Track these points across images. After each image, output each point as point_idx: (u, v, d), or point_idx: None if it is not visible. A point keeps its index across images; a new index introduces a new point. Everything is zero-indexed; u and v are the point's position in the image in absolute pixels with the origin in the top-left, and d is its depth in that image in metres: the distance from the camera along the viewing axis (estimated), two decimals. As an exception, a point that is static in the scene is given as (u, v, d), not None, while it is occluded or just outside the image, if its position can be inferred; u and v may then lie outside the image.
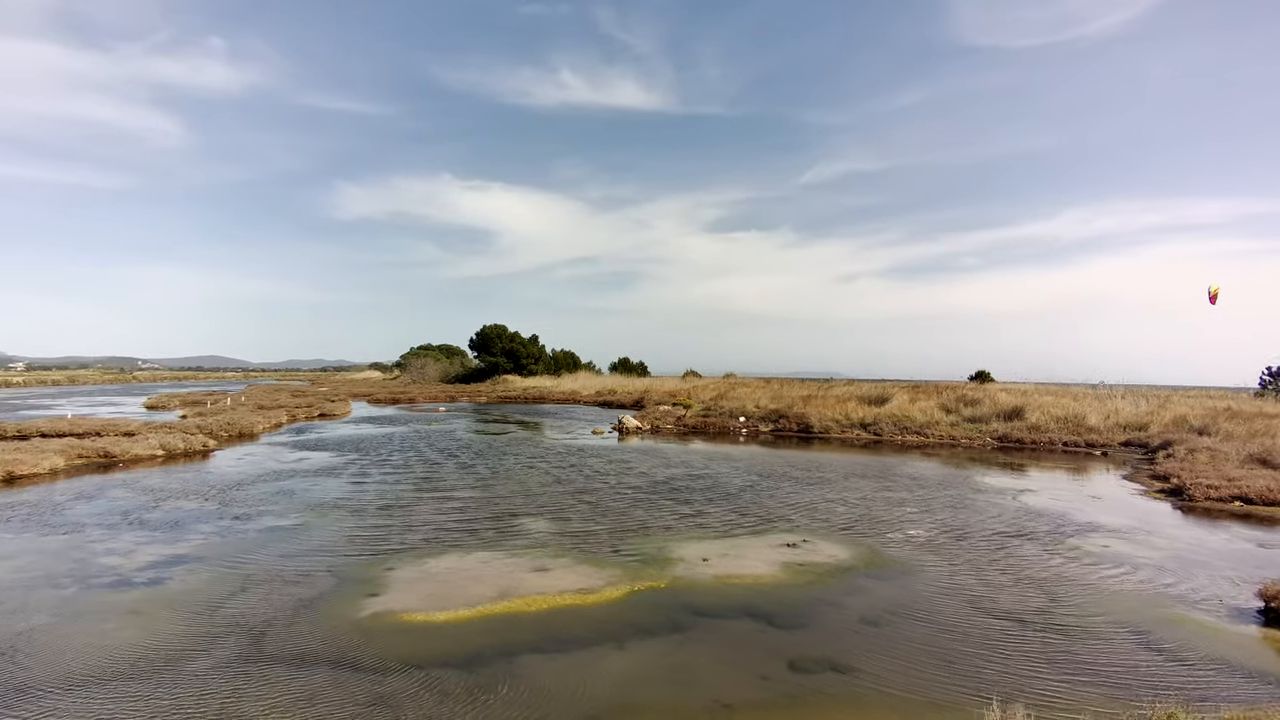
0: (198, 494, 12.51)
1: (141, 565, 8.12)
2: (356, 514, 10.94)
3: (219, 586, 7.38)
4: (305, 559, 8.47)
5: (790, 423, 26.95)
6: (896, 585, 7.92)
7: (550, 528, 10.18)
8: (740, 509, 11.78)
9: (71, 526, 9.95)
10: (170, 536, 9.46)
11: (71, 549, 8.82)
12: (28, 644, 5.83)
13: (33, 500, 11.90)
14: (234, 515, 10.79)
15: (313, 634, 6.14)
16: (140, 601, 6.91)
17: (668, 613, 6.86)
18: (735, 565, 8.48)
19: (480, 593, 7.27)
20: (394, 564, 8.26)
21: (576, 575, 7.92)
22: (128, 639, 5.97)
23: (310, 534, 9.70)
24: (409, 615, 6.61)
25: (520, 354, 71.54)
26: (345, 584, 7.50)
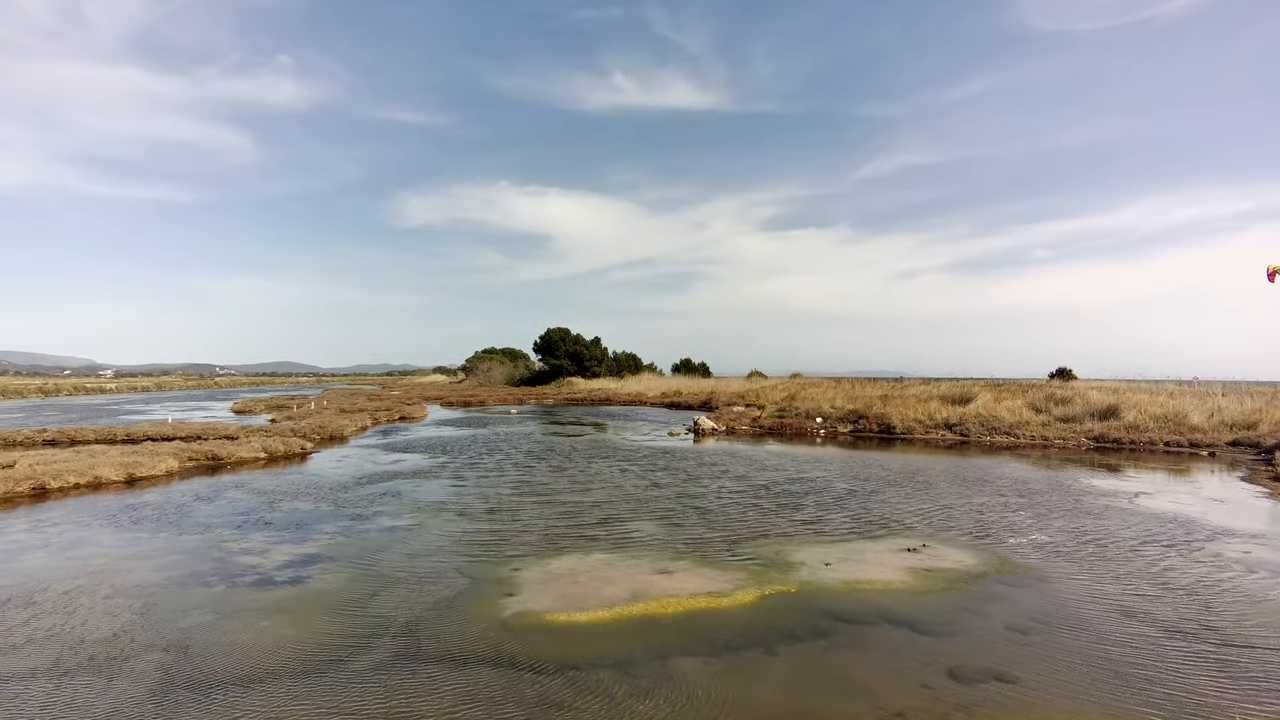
0: (309, 495, 12.92)
1: (279, 564, 8.41)
2: (465, 516, 11.12)
3: (358, 585, 7.57)
4: (431, 559, 8.63)
5: (870, 423, 26.39)
6: (1036, 593, 7.62)
7: (660, 530, 10.15)
8: (848, 513, 11.54)
9: (201, 526, 10.38)
10: (297, 536, 9.77)
11: (208, 548, 9.20)
12: (198, 641, 6.07)
13: (157, 501, 12.48)
14: (351, 516, 11.10)
15: (463, 633, 6.23)
16: (287, 600, 7.14)
17: (807, 617, 6.74)
18: (860, 570, 8.29)
19: (612, 594, 7.27)
20: (518, 565, 8.35)
21: (702, 578, 7.86)
22: (287, 636, 6.16)
23: (427, 534, 9.89)
24: (550, 615, 6.66)
25: (584, 356, 72.10)
26: (479, 584, 7.61)
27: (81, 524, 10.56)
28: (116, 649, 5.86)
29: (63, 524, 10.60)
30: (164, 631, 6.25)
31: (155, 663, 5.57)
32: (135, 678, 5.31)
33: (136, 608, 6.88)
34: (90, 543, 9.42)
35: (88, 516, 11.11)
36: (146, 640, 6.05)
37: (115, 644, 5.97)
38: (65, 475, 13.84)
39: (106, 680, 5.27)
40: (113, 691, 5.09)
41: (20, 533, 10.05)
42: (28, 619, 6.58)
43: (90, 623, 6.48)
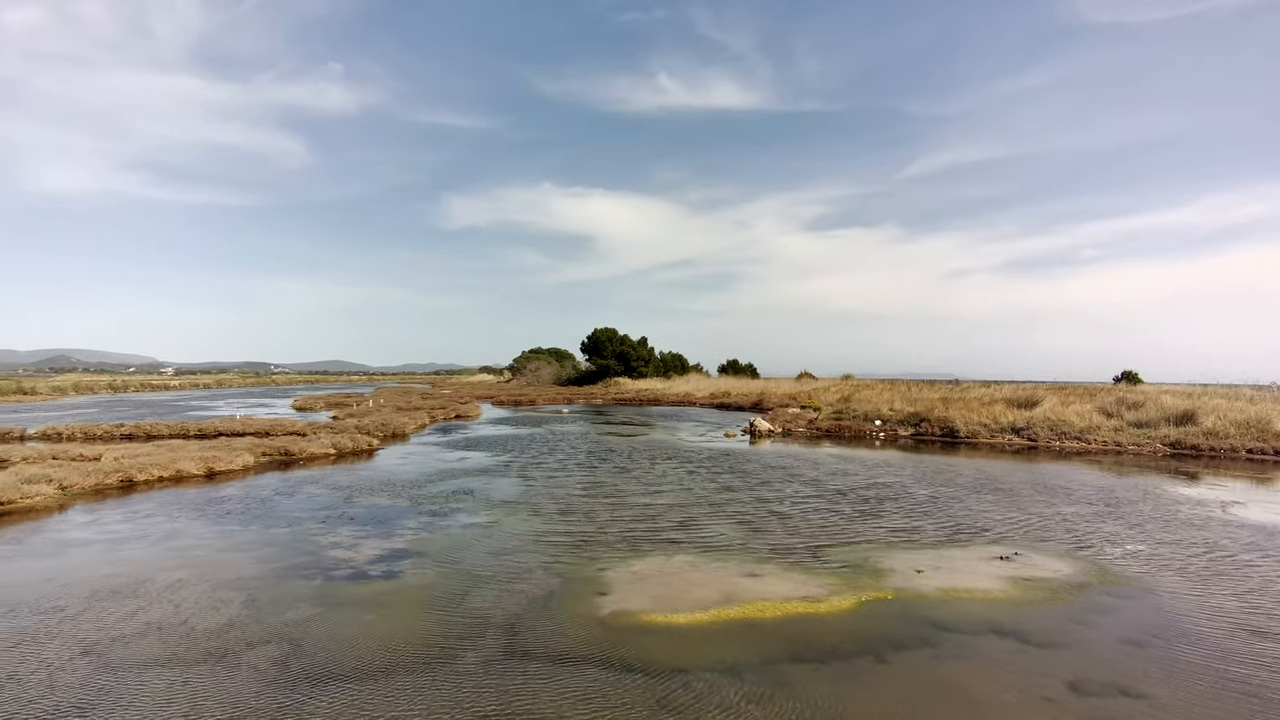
0: (384, 491, 13.13)
1: (369, 559, 8.53)
2: (540, 515, 11.15)
3: (450, 582, 7.63)
4: (514, 557, 8.66)
5: (932, 427, 25.81)
6: (1145, 605, 7.30)
7: (740, 534, 10.03)
8: (931, 519, 11.24)
9: (287, 520, 10.61)
10: (381, 532, 9.92)
11: (298, 541, 9.39)
12: (308, 634, 6.17)
13: (239, 494, 12.82)
14: (429, 512, 11.24)
15: (564, 632, 6.22)
16: (385, 594, 7.22)
17: (909, 625, 6.56)
18: (954, 578, 8.06)
19: (704, 597, 7.19)
20: (603, 565, 8.32)
21: (791, 583, 7.73)
22: (392, 631, 6.22)
23: (506, 532, 9.95)
24: (647, 616, 6.61)
25: (630, 356, 72.20)
26: (568, 583, 7.60)
27: (172, 516, 10.89)
28: (230, 641, 5.99)
29: (154, 516, 10.94)
30: (272, 624, 6.37)
31: (270, 655, 5.68)
32: (254, 670, 5.41)
33: (241, 600, 7.03)
34: (185, 534, 9.70)
35: (177, 509, 11.47)
36: (257, 633, 6.17)
37: (227, 636, 6.10)
38: (150, 469, 14.32)
39: (226, 672, 5.38)
40: (234, 684, 5.19)
41: (117, 524, 10.40)
42: (137, 609, 6.78)
43: (199, 614, 6.65)
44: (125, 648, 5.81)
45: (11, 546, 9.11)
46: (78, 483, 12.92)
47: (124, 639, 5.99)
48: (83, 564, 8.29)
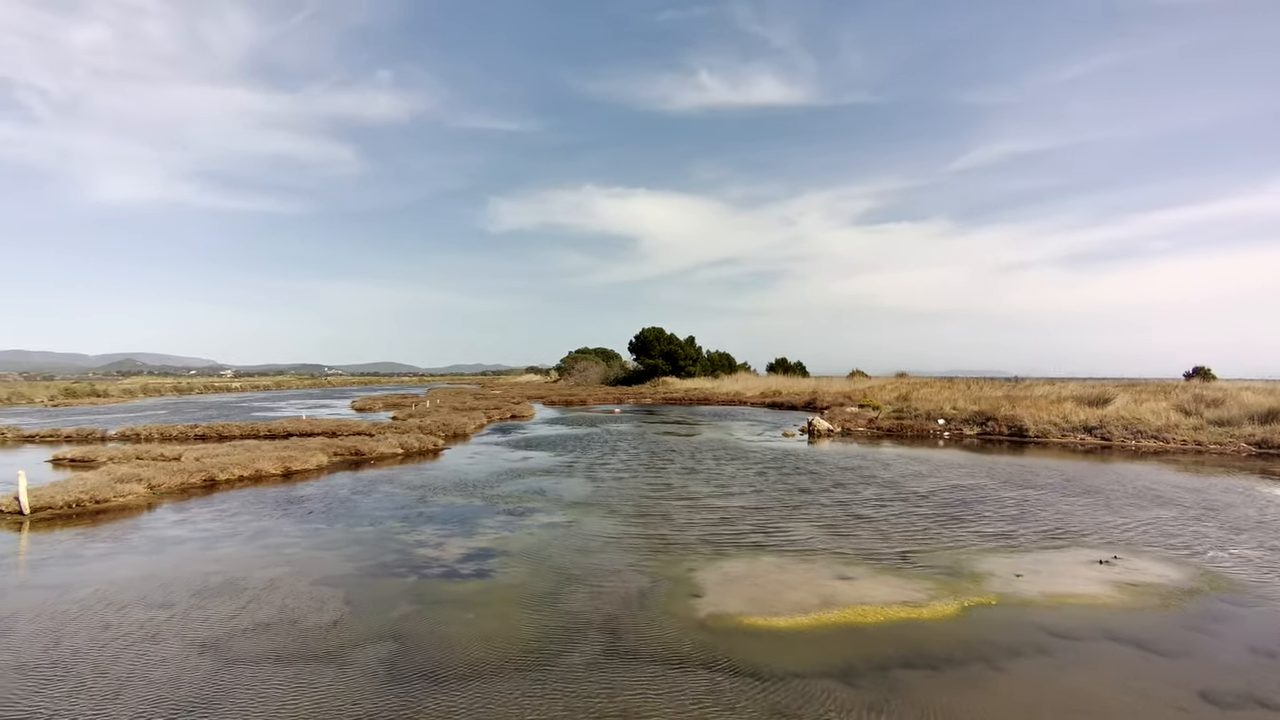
0: (457, 490, 13.29)
1: (457, 558, 8.61)
2: (615, 514, 11.14)
3: (541, 581, 7.65)
4: (599, 556, 8.65)
5: (999, 425, 25.12)
6: (1268, 613, 6.93)
7: (822, 536, 9.85)
8: (1019, 522, 10.90)
9: (369, 519, 10.80)
10: (463, 530, 10.02)
11: (383, 539, 9.54)
12: (411, 631, 6.24)
13: (318, 493, 13.11)
14: (505, 511, 11.32)
15: (665, 633, 6.16)
16: (479, 593, 7.27)
17: (1019, 632, 6.34)
18: (1055, 583, 7.77)
19: (800, 600, 7.06)
20: (690, 565, 8.25)
21: (887, 586, 7.55)
22: (494, 630, 6.25)
23: (586, 532, 9.95)
24: (747, 619, 6.51)
25: (678, 356, 72.07)
26: (659, 583, 7.55)
27: (259, 514, 11.18)
28: (338, 639, 6.08)
29: (241, 514, 11.24)
30: (375, 623, 6.46)
31: (380, 654, 5.75)
32: (366, 667, 5.48)
33: (340, 598, 7.15)
34: (274, 533, 9.94)
35: (261, 507, 11.77)
36: (363, 631, 6.26)
37: (335, 634, 6.20)
38: (230, 468, 14.74)
39: (340, 670, 5.46)
40: (348, 680, 5.26)
41: (208, 522, 10.72)
42: (242, 607, 6.94)
43: (303, 612, 6.78)
44: (240, 644, 5.94)
45: (113, 544, 9.44)
46: (165, 482, 13.37)
47: (236, 636, 6.14)
48: (182, 561, 8.55)
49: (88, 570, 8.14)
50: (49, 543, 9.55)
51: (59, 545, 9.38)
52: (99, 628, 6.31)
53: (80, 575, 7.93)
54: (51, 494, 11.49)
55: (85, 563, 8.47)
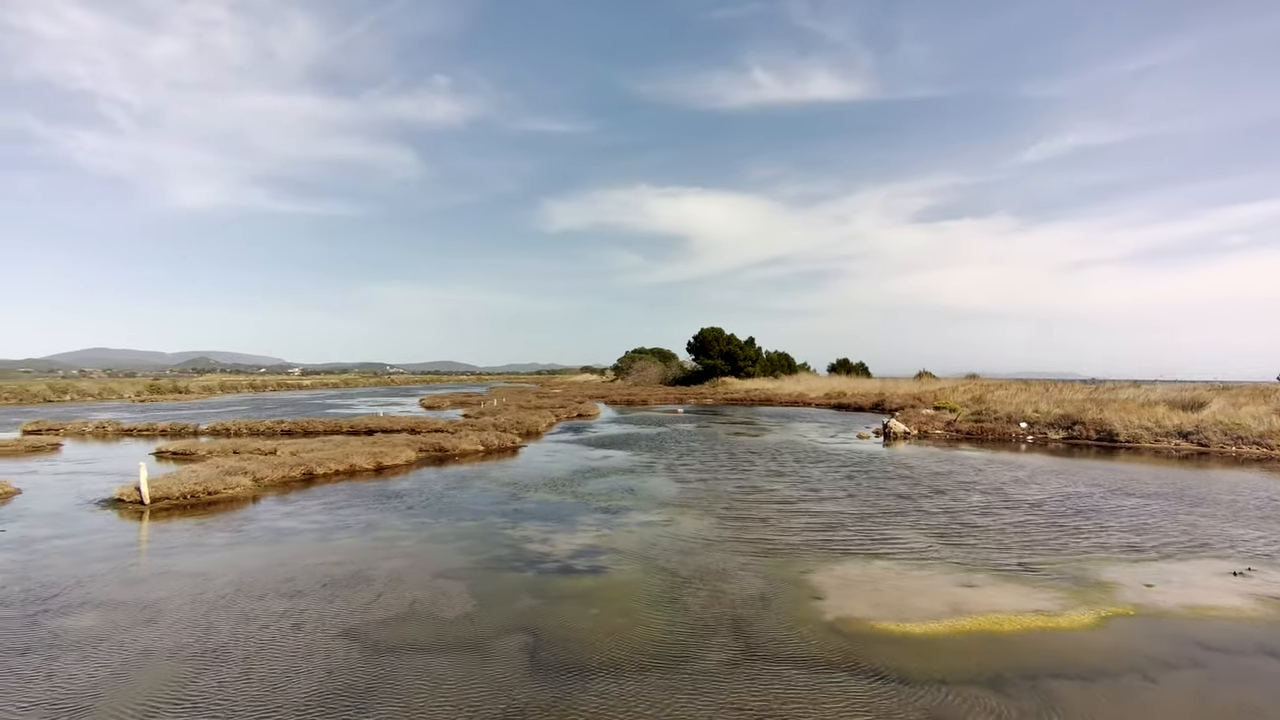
0: (546, 487, 13.45)
1: (567, 554, 8.70)
2: (711, 515, 11.10)
3: (655, 579, 7.65)
4: (706, 556, 8.62)
5: (1087, 429, 24.18)
6: None
7: (931, 541, 9.62)
8: (1137, 530, 10.46)
9: (470, 514, 11.02)
10: (564, 527, 10.13)
11: (489, 534, 9.70)
12: (543, 626, 6.31)
13: (413, 488, 13.42)
14: (599, 509, 11.41)
15: (796, 636, 6.09)
16: (598, 590, 7.31)
17: (1166, 644, 6.06)
18: (1190, 594, 7.42)
19: (928, 606, 6.90)
20: (801, 568, 8.15)
21: (1013, 595, 7.31)
22: (623, 626, 6.28)
23: (685, 531, 9.93)
24: (878, 624, 6.39)
25: (737, 356, 71.60)
26: (775, 585, 7.48)
27: (363, 508, 11.50)
28: (473, 629, 6.19)
29: (346, 507, 11.59)
30: (503, 615, 6.56)
31: (517, 645, 5.83)
32: (508, 659, 5.56)
33: (464, 590, 7.29)
34: (383, 526, 10.21)
35: (363, 500, 12.11)
36: (494, 622, 6.36)
37: (469, 625, 6.31)
38: (326, 462, 15.22)
39: (482, 659, 5.55)
40: (495, 670, 5.34)
41: (316, 514, 11.07)
42: (374, 597, 7.13)
43: (432, 602, 6.92)
44: (380, 633, 6.10)
45: (234, 534, 9.82)
46: (268, 475, 13.88)
47: (375, 625, 6.30)
48: (303, 552, 8.85)
49: (217, 559, 8.49)
50: (174, 531, 10.00)
51: (184, 534, 9.81)
52: (244, 616, 6.57)
53: (212, 564, 8.28)
54: (168, 485, 12.04)
55: (213, 551, 8.84)
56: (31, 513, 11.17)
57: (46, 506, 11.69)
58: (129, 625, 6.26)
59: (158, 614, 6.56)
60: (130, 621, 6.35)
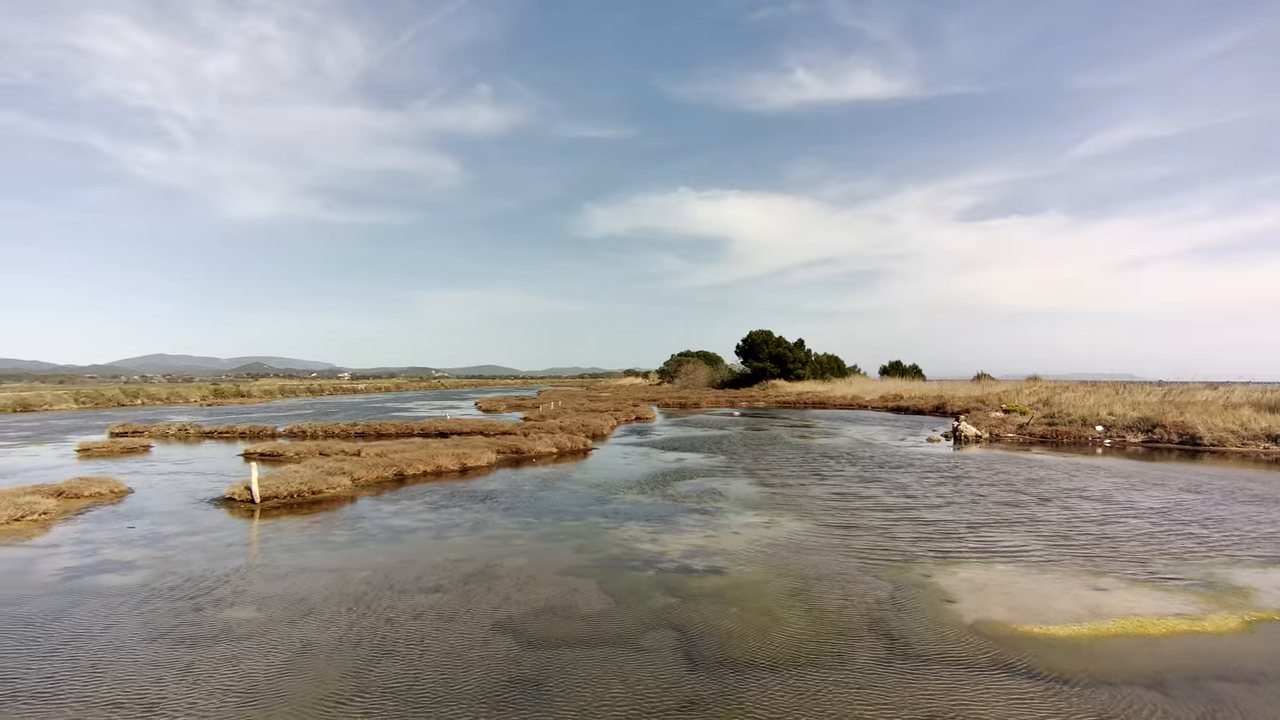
0: (632, 488, 13.60)
1: (680, 553, 8.81)
2: (808, 517, 11.10)
3: (780, 580, 7.72)
4: (820, 557, 8.65)
5: (1168, 432, 23.48)
6: None
7: (1042, 545, 9.50)
8: (1256, 535, 10.19)
9: (570, 514, 11.23)
10: (667, 527, 10.25)
11: (596, 534, 9.87)
12: (685, 623, 6.43)
13: (503, 488, 13.69)
14: (694, 510, 11.51)
15: (941, 637, 6.10)
16: (728, 589, 7.40)
17: (1330, 651, 5.91)
18: (1336, 599, 7.21)
19: (1065, 609, 6.83)
20: (922, 571, 8.12)
21: (1149, 599, 7.19)
22: (766, 625, 6.36)
23: (789, 533, 9.97)
24: (1021, 626, 6.36)
25: (787, 359, 71.10)
26: (902, 588, 7.47)
27: (464, 507, 11.78)
28: (617, 625, 6.34)
29: (447, 506, 11.88)
30: (642, 612, 6.69)
31: (667, 641, 5.95)
32: (662, 654, 5.68)
33: (594, 587, 7.45)
34: (491, 525, 10.46)
35: (459, 500, 12.41)
36: (635, 618, 6.49)
37: (612, 620, 6.46)
38: (415, 463, 15.61)
39: (637, 654, 5.69)
40: (653, 665, 5.47)
41: (422, 512, 11.38)
42: (510, 592, 7.33)
43: (567, 598, 7.09)
44: (530, 628, 6.28)
45: (353, 532, 10.15)
46: (364, 475, 14.30)
47: (522, 620, 6.49)
48: (425, 549, 9.11)
49: (346, 555, 8.81)
50: (292, 529, 10.38)
51: (304, 532, 10.18)
52: (393, 610, 6.82)
53: (343, 560, 8.59)
54: (275, 485, 12.50)
55: (339, 548, 9.17)
56: (150, 511, 11.69)
57: (162, 505, 12.22)
58: (289, 618, 6.55)
59: (311, 608, 6.85)
60: (288, 615, 6.64)
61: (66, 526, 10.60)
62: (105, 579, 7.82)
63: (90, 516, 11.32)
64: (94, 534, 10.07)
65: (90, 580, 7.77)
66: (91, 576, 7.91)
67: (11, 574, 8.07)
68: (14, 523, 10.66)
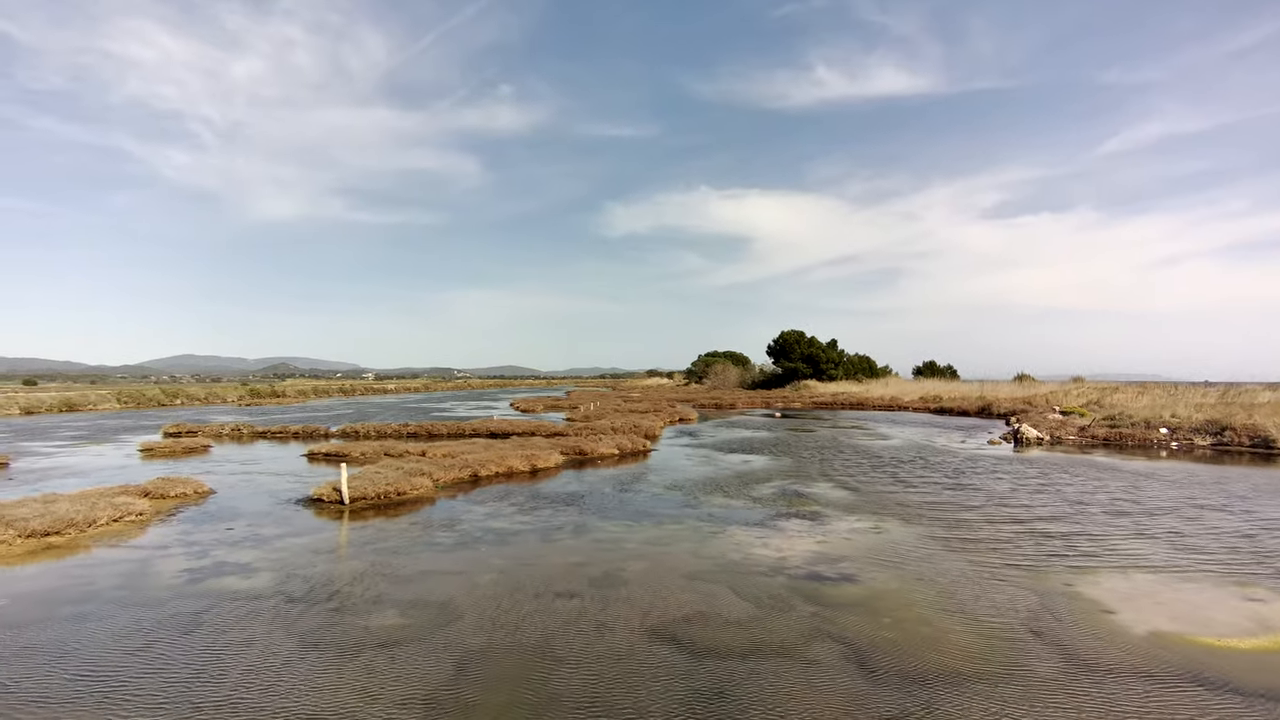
0: (714, 490, 13.44)
1: (803, 560, 8.63)
2: (914, 523, 10.85)
3: (920, 588, 7.51)
4: (947, 565, 8.42)
5: (1238, 435, 22.89)
6: None
7: (1167, 553, 9.21)
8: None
9: (666, 517, 11.09)
10: (772, 532, 10.07)
11: (703, 538, 9.72)
12: (843, 633, 6.25)
13: (581, 490, 13.57)
14: (792, 514, 11.31)
15: (1111, 648, 5.88)
16: (871, 598, 7.20)
17: None
18: None
19: (1230, 620, 6.58)
20: (1063, 580, 7.88)
21: (1310, 608, 6.90)
22: (929, 635, 6.16)
23: (902, 539, 9.74)
24: (1193, 637, 6.11)
25: (820, 359, 70.57)
26: (1048, 597, 7.24)
27: (554, 509, 11.67)
28: (774, 635, 6.17)
29: (539, 508, 11.78)
30: (793, 621, 6.52)
31: (835, 652, 5.78)
32: (836, 666, 5.51)
33: (728, 594, 7.29)
34: (592, 527, 10.34)
35: (547, 502, 12.31)
36: (789, 628, 6.32)
37: (764, 630, 6.30)
38: (487, 464, 15.54)
39: (810, 665, 5.52)
40: (832, 678, 5.30)
41: (517, 515, 11.29)
42: (647, 597, 7.17)
43: (707, 605, 6.94)
44: (685, 634, 6.14)
45: (455, 534, 10.07)
46: (442, 476, 14.25)
47: (672, 626, 6.34)
48: (538, 551, 9.01)
49: (461, 558, 8.72)
50: (392, 531, 10.31)
51: (406, 533, 10.10)
52: (538, 614, 6.69)
53: (461, 562, 8.50)
54: (362, 486, 12.46)
55: (450, 551, 9.08)
56: (240, 512, 11.68)
57: (248, 506, 12.22)
58: (435, 623, 6.46)
59: (454, 613, 6.74)
60: (433, 620, 6.55)
61: (164, 527, 10.61)
62: (229, 581, 7.78)
63: (182, 517, 11.33)
64: (195, 535, 10.07)
65: (214, 583, 7.73)
66: (214, 579, 7.87)
67: (135, 575, 8.06)
68: (113, 523, 10.69)
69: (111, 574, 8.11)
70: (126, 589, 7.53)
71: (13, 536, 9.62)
